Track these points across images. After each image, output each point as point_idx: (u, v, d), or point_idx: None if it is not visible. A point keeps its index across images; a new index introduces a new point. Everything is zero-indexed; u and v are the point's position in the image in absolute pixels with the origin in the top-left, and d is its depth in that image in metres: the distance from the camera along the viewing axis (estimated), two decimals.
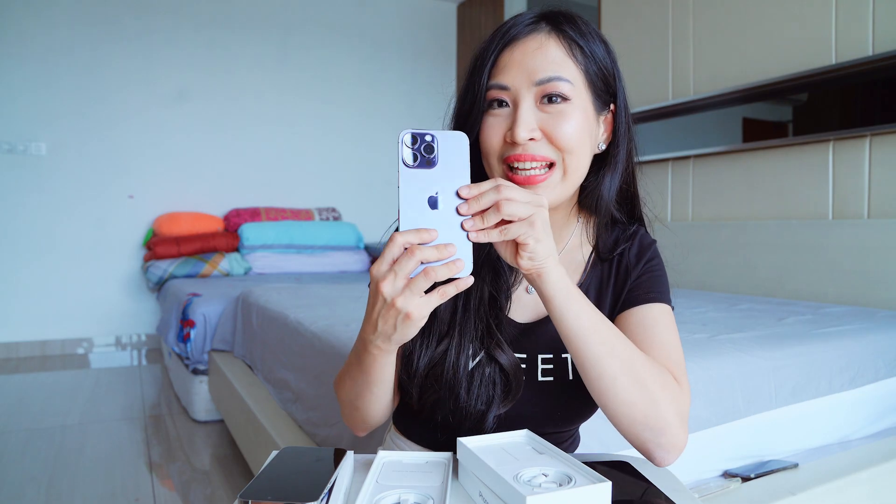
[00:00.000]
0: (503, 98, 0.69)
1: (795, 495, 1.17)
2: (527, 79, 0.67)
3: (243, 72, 4.47)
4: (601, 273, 0.77)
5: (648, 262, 0.77)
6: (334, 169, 4.77)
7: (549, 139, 0.67)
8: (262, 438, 1.71)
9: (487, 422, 0.72)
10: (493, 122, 0.69)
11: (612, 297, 0.76)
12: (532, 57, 0.67)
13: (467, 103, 0.71)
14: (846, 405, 1.46)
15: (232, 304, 2.68)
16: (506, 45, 0.69)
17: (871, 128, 2.20)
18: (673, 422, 0.64)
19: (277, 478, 0.63)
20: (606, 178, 0.74)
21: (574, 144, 0.68)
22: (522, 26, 0.69)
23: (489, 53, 0.70)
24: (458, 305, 0.73)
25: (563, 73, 0.67)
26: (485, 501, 0.61)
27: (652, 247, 0.79)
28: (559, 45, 0.68)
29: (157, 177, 4.21)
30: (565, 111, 0.67)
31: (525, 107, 0.67)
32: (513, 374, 0.71)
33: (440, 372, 0.72)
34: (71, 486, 1.94)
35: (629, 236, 0.79)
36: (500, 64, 0.69)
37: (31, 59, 3.84)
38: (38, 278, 3.89)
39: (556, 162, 0.68)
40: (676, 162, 3.03)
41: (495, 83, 0.68)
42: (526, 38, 0.69)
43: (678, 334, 0.73)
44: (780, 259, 2.49)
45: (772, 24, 2.56)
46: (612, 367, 0.62)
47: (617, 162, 0.75)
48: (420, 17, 5.11)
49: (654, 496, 0.63)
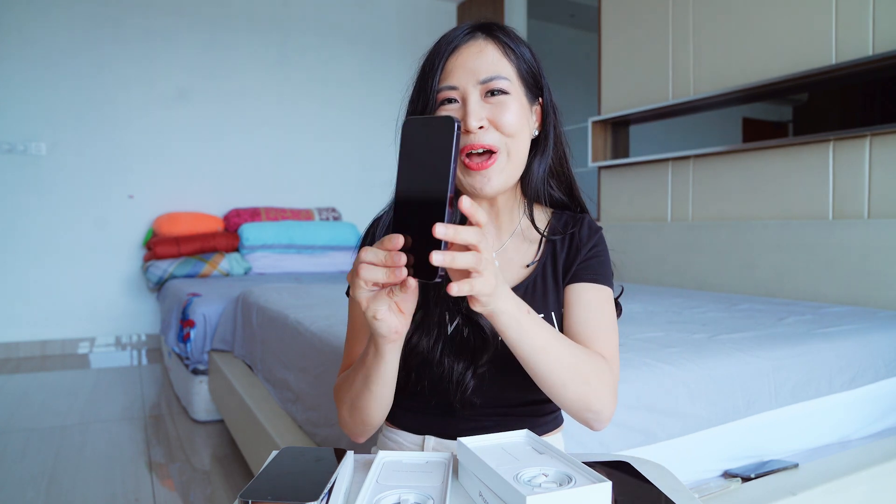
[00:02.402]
0: (453, 97, 0.79)
1: (795, 495, 1.18)
2: (472, 78, 0.78)
3: (243, 72, 4.48)
4: (554, 249, 0.88)
5: (596, 247, 0.88)
6: (334, 169, 4.77)
7: (494, 126, 0.78)
8: (262, 438, 1.71)
9: (467, 380, 0.79)
10: None
11: (564, 269, 0.87)
12: (474, 59, 0.79)
13: (419, 105, 0.82)
14: (846, 405, 1.46)
15: (232, 304, 2.68)
16: (450, 53, 0.80)
17: (871, 128, 2.19)
18: (608, 402, 0.77)
19: (277, 478, 0.63)
20: (536, 160, 0.86)
21: (515, 129, 0.79)
22: (462, 36, 0.81)
23: (437, 62, 0.80)
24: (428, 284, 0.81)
25: (501, 71, 0.79)
26: (485, 501, 0.60)
27: (599, 232, 0.90)
28: (495, 48, 0.80)
29: (157, 177, 4.21)
30: (506, 102, 0.79)
31: (473, 101, 0.78)
32: (491, 336, 0.79)
33: (416, 343, 0.79)
34: (71, 486, 1.94)
35: (578, 220, 0.90)
36: (448, 69, 0.80)
37: (31, 59, 3.84)
38: (38, 278, 3.89)
39: (500, 148, 0.79)
40: (676, 162, 3.03)
41: (445, 85, 0.80)
42: (467, 44, 0.80)
43: (615, 315, 0.86)
44: (780, 259, 2.49)
45: (772, 24, 2.56)
46: (561, 375, 0.72)
47: (546, 146, 0.87)
48: (420, 17, 5.12)
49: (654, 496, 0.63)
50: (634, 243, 3.18)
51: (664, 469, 0.73)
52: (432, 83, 0.80)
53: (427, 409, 0.84)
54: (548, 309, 0.84)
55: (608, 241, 0.93)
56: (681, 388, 1.21)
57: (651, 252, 3.09)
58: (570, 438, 1.04)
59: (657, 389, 1.18)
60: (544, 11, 5.26)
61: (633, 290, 2.66)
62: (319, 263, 4.30)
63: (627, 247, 3.21)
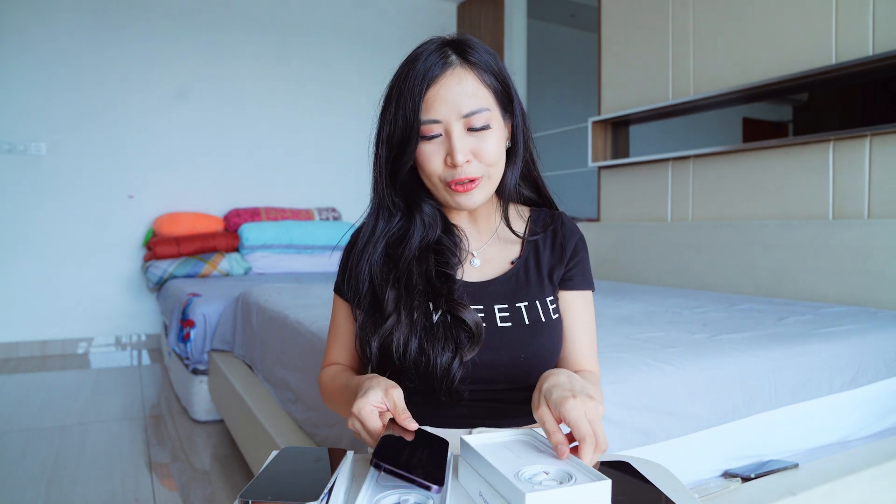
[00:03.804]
0: (437, 132, 0.82)
1: (795, 495, 1.17)
2: (454, 112, 0.80)
3: (244, 72, 4.47)
4: (537, 244, 0.93)
5: (579, 252, 0.94)
6: (334, 169, 4.77)
7: (478, 159, 0.82)
8: (262, 438, 1.71)
9: (454, 369, 0.82)
10: (431, 150, 0.83)
11: (549, 266, 0.92)
12: (455, 93, 0.80)
13: (397, 135, 0.83)
14: (846, 405, 1.46)
15: (232, 304, 2.68)
16: (429, 84, 0.81)
17: (871, 128, 2.19)
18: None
19: (277, 478, 0.63)
20: (509, 171, 0.90)
21: (497, 158, 0.84)
22: (438, 63, 0.81)
23: (416, 93, 0.81)
24: (400, 289, 0.86)
25: (482, 102, 0.81)
26: (485, 501, 0.61)
27: (579, 233, 0.96)
28: (473, 77, 0.82)
29: (157, 177, 4.21)
30: (488, 135, 0.82)
31: (457, 135, 0.81)
32: (474, 325, 0.83)
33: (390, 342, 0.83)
34: (71, 486, 1.94)
35: (555, 217, 0.96)
36: (429, 101, 0.81)
37: (31, 59, 3.84)
38: (38, 278, 3.89)
39: (483, 176, 0.84)
40: (676, 162, 3.03)
41: (428, 119, 0.81)
42: (444, 74, 0.81)
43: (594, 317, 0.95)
44: (780, 259, 2.49)
45: (772, 24, 2.56)
46: None
47: (516, 155, 0.90)
48: (420, 17, 5.12)
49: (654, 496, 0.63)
50: (634, 243, 3.18)
51: (664, 469, 0.73)
52: (415, 116, 0.81)
53: (419, 401, 0.85)
54: (531, 298, 0.88)
55: (608, 241, 0.96)
56: (681, 388, 1.21)
57: (651, 252, 3.09)
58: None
59: (657, 389, 1.18)
60: (544, 11, 5.26)
61: (633, 290, 2.66)
62: (319, 263, 4.29)
63: (627, 247, 3.21)
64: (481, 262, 0.92)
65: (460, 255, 0.90)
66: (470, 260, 0.92)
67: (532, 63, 4.85)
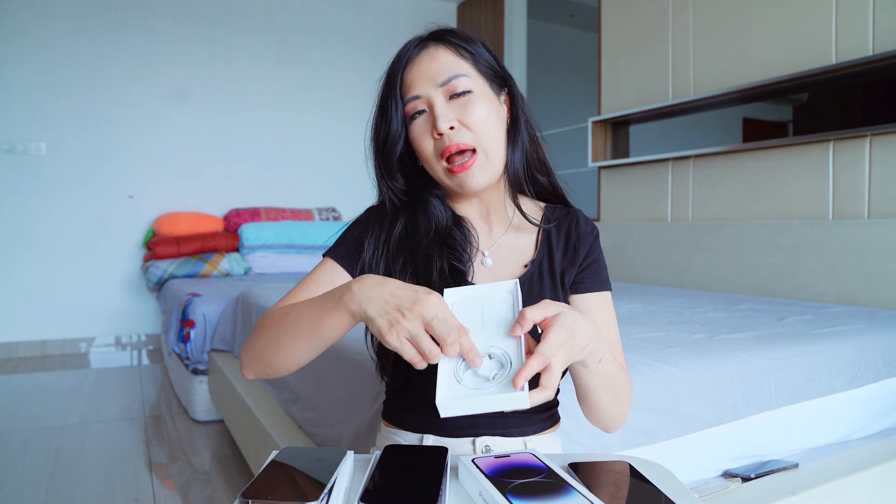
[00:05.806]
0: (420, 107, 0.82)
1: (795, 495, 1.17)
2: (432, 83, 0.81)
3: (244, 72, 4.47)
4: (550, 245, 0.91)
5: (594, 252, 0.90)
6: (334, 169, 4.77)
7: (465, 126, 0.81)
8: (262, 438, 1.71)
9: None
10: (420, 128, 0.83)
11: (561, 268, 0.88)
12: (430, 66, 0.81)
13: (387, 121, 0.84)
14: (846, 405, 1.46)
15: (232, 304, 2.68)
16: (405, 66, 0.83)
17: (871, 128, 2.19)
18: (628, 412, 0.83)
19: (277, 478, 0.63)
20: (510, 149, 0.88)
21: (486, 125, 0.81)
22: (414, 49, 0.84)
23: (395, 77, 0.83)
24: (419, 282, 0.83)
25: (458, 70, 0.81)
26: (485, 501, 0.61)
27: (596, 232, 0.93)
28: (448, 50, 0.83)
29: (157, 177, 4.21)
30: (471, 100, 0.81)
31: (439, 104, 0.80)
32: None
33: None
34: (71, 486, 1.94)
35: (572, 214, 0.93)
36: (407, 82, 0.83)
37: (31, 58, 3.84)
38: (38, 278, 3.89)
39: (476, 147, 0.81)
40: (676, 162, 3.03)
41: (409, 97, 0.82)
42: (420, 55, 0.83)
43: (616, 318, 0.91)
44: (780, 259, 2.49)
45: (772, 24, 2.56)
46: (604, 401, 0.78)
47: (518, 133, 0.88)
48: (420, 17, 5.11)
49: (654, 496, 0.63)
50: (634, 243, 3.18)
51: (664, 469, 0.73)
52: (396, 99, 0.83)
53: (423, 407, 0.84)
54: None
55: (608, 241, 0.95)
56: (681, 389, 1.21)
57: (651, 252, 3.09)
58: (569, 438, 1.04)
59: (657, 389, 1.18)
60: (544, 11, 5.26)
61: (633, 290, 2.66)
62: None
63: (627, 247, 3.21)
64: (493, 263, 0.89)
65: (470, 252, 0.89)
66: (482, 260, 0.90)
67: (532, 63, 4.85)
